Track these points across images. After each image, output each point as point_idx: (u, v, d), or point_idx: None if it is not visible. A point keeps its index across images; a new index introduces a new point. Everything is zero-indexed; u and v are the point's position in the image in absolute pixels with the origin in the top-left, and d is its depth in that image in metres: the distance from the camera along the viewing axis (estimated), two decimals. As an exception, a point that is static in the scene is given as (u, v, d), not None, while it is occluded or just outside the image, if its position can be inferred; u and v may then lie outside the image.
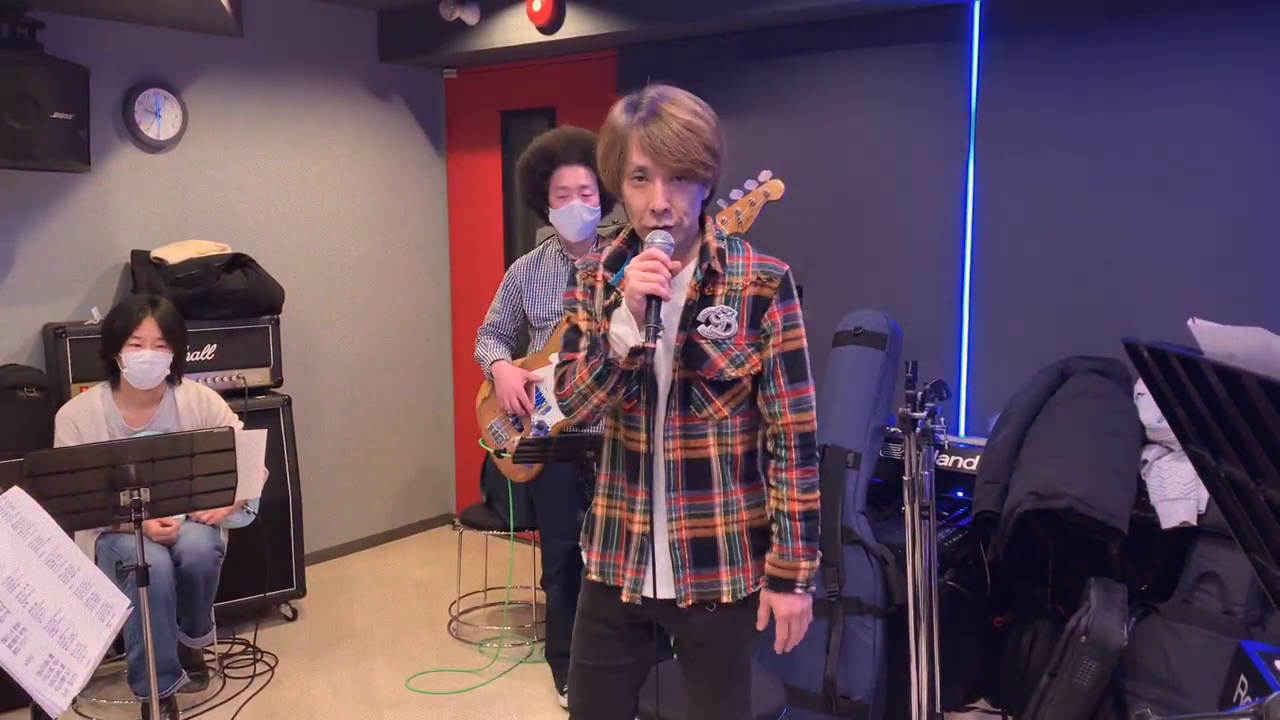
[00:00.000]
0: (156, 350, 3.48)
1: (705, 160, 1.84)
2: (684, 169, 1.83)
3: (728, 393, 1.95)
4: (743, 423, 1.98)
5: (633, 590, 2.02)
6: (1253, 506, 1.11)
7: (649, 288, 1.80)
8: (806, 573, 1.96)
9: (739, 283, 1.94)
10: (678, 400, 1.95)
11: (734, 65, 4.38)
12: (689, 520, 1.98)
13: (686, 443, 1.96)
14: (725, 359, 1.92)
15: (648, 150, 1.82)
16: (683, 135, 1.81)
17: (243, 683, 3.87)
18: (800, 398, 1.96)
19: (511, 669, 4.00)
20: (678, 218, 1.86)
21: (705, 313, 1.93)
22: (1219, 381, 0.98)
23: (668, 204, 1.84)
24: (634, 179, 1.87)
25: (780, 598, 1.97)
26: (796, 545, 1.95)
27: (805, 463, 1.97)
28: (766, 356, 1.95)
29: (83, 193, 4.25)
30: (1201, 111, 3.38)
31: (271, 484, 3.85)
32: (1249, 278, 3.34)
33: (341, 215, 5.16)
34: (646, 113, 1.83)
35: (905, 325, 3.72)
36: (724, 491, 1.98)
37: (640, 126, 1.83)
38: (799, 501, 1.96)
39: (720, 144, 1.88)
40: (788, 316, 1.95)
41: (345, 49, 5.09)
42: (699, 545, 1.98)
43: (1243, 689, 1.99)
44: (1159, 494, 3.10)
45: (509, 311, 3.62)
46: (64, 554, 2.21)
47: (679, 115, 1.82)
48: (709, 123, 1.86)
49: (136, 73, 4.36)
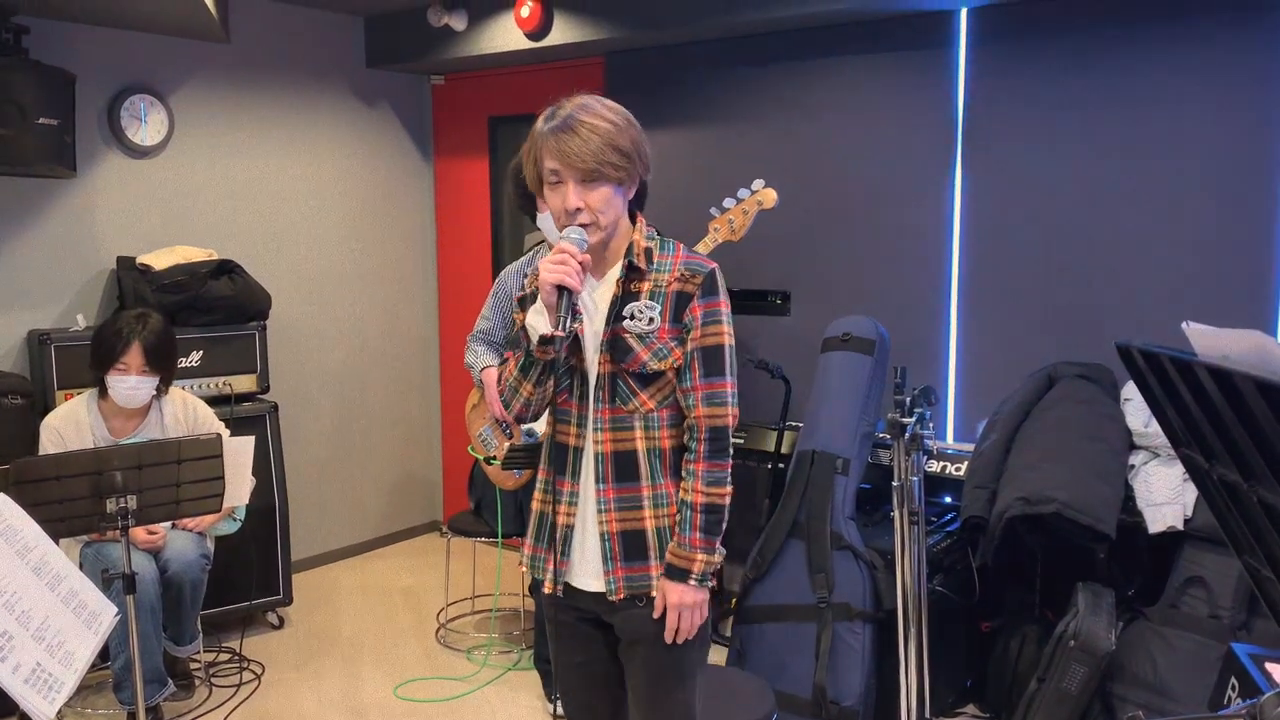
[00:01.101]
0: (141, 376, 3.45)
1: (613, 161, 1.91)
2: (591, 170, 1.90)
3: (652, 386, 2.01)
4: (670, 417, 2.03)
5: (554, 582, 2.08)
6: (1246, 509, 1.12)
7: (556, 278, 1.88)
8: (702, 565, 1.99)
9: (664, 279, 2.01)
10: (605, 393, 2.02)
11: (721, 72, 4.39)
12: (619, 513, 2.02)
13: (614, 435, 2.02)
14: (648, 352, 1.98)
15: (557, 155, 1.91)
16: (588, 139, 1.89)
17: (229, 691, 3.85)
18: (714, 392, 2.00)
19: (499, 676, 3.99)
20: (592, 216, 1.94)
21: (629, 307, 2.00)
22: (1213, 383, 0.99)
23: (580, 203, 1.93)
24: (550, 182, 1.96)
25: (672, 586, 1.99)
26: (694, 536, 1.99)
27: (713, 456, 2.00)
28: (685, 350, 2.00)
29: (68, 198, 4.23)
30: (1187, 116, 3.41)
31: (258, 491, 3.83)
32: (1235, 282, 3.37)
33: (329, 221, 5.15)
34: (559, 122, 1.92)
35: (893, 331, 3.74)
36: (653, 485, 2.02)
37: (552, 135, 1.92)
38: (702, 494, 1.99)
39: (634, 145, 1.95)
40: (708, 313, 2.00)
41: (332, 55, 5.09)
42: (629, 538, 2.02)
43: (1233, 691, 2.00)
44: (1146, 499, 3.12)
45: (499, 319, 3.62)
46: (50, 561, 2.19)
47: (588, 121, 1.91)
48: (618, 125, 1.93)
49: (122, 78, 4.34)
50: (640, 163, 1.98)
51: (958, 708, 3.58)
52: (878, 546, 3.37)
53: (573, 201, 1.93)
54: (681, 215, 4.04)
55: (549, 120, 1.94)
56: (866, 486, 3.66)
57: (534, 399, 2.02)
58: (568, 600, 2.10)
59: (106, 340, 3.43)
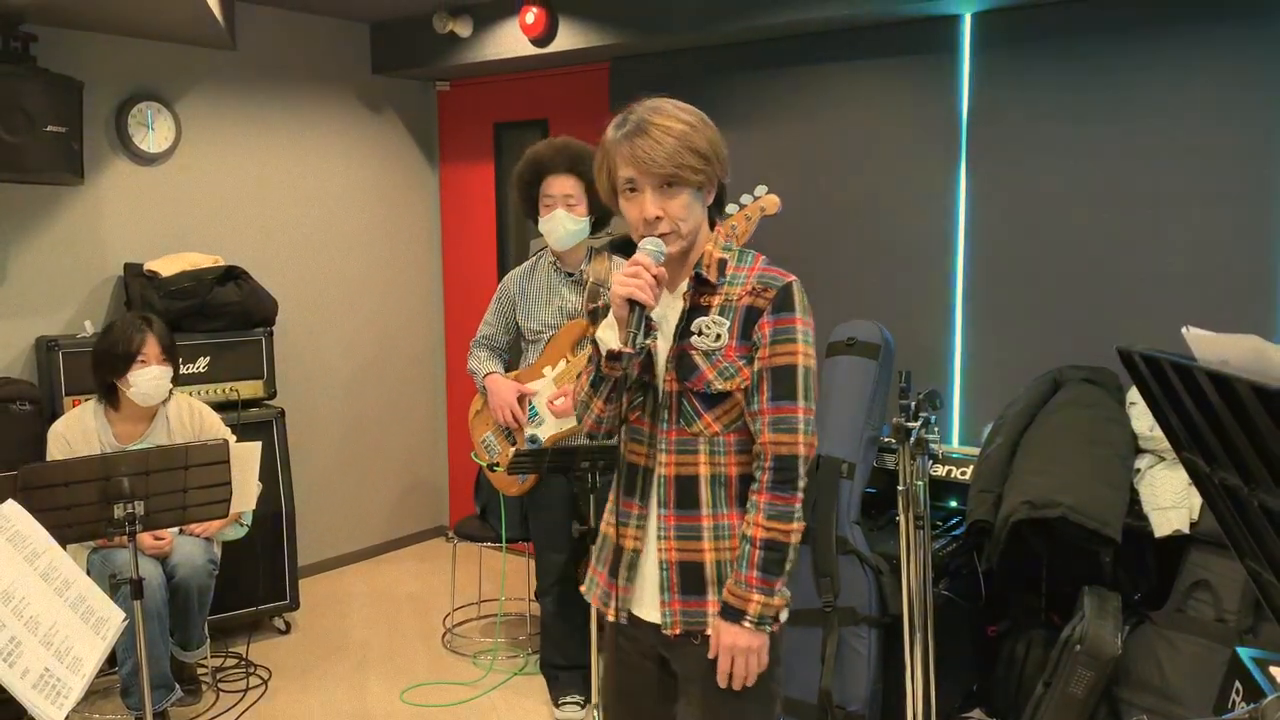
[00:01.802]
0: (161, 365, 3.48)
1: (692, 164, 1.80)
2: (670, 175, 1.80)
3: (718, 407, 1.87)
4: (738, 442, 1.89)
5: (616, 609, 1.97)
6: (1247, 513, 1.12)
7: (627, 292, 1.78)
8: (759, 607, 1.82)
9: (736, 293, 1.88)
10: (672, 413, 1.90)
11: (726, 78, 4.40)
12: (677, 542, 1.90)
13: (679, 458, 1.90)
14: (713, 370, 1.86)
15: (631, 161, 1.81)
16: (664, 142, 1.79)
17: (236, 696, 3.86)
18: (782, 417, 1.83)
19: (505, 681, 3.99)
20: (671, 224, 1.83)
21: (697, 322, 1.88)
22: (1213, 388, 0.99)
23: (659, 211, 1.82)
24: (626, 192, 1.86)
25: (726, 626, 1.83)
26: (750, 574, 1.82)
27: (778, 487, 1.83)
28: (754, 370, 1.86)
29: (76, 205, 4.25)
30: (1191, 121, 3.41)
31: (265, 497, 3.83)
32: (1239, 287, 3.36)
33: (334, 227, 5.16)
34: (631, 126, 1.83)
35: (898, 336, 3.74)
36: (714, 514, 1.89)
37: (625, 140, 1.82)
38: (763, 528, 1.82)
39: (712, 146, 1.84)
40: (779, 330, 1.84)
41: (338, 62, 5.11)
42: (686, 569, 1.89)
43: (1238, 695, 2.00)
44: (1151, 502, 3.11)
45: (502, 324, 3.63)
46: (59, 567, 2.20)
47: (661, 123, 1.81)
48: (695, 126, 1.83)
49: (130, 85, 4.36)
50: (719, 164, 1.86)
51: (964, 712, 3.58)
52: (883, 551, 3.37)
53: (651, 210, 1.82)
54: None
55: (620, 127, 1.85)
56: (872, 491, 3.66)
57: (605, 416, 1.93)
58: (632, 630, 1.98)
59: (119, 342, 3.45)
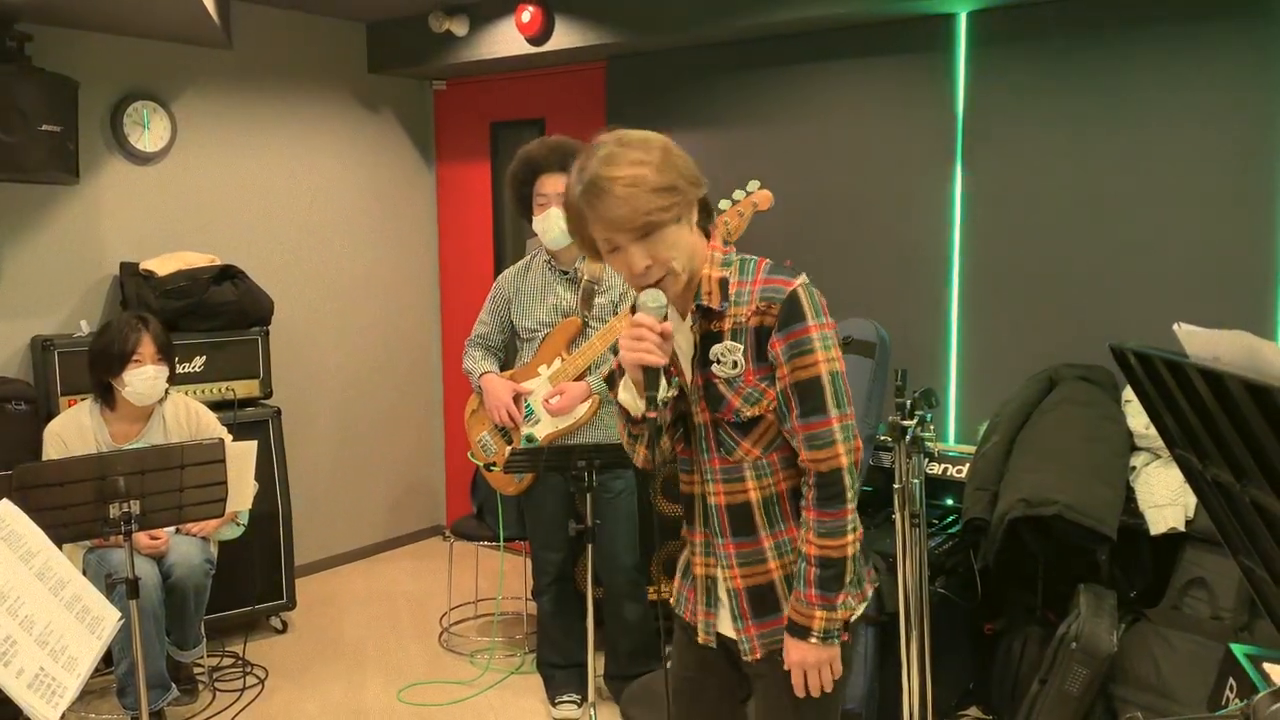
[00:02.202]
0: (157, 365, 3.48)
1: (660, 204, 1.72)
2: (641, 224, 1.72)
3: (754, 431, 1.84)
4: (782, 459, 1.85)
5: (705, 633, 1.98)
6: (1239, 509, 1.12)
7: (636, 359, 1.76)
8: (823, 623, 1.80)
9: (744, 313, 1.81)
10: (711, 442, 1.88)
11: (722, 76, 4.40)
12: (742, 569, 1.90)
13: (727, 486, 1.88)
14: (739, 398, 1.82)
15: (600, 223, 1.74)
16: (627, 198, 1.70)
17: (233, 696, 3.86)
18: (816, 433, 1.78)
19: (503, 680, 3.99)
20: (664, 269, 1.77)
21: (713, 350, 1.83)
22: (1204, 384, 1.00)
23: (647, 261, 1.76)
24: (608, 252, 1.80)
25: (794, 643, 1.83)
26: (810, 592, 1.81)
27: (825, 504, 1.80)
28: (777, 390, 1.81)
29: (71, 205, 4.25)
30: (1187, 119, 3.41)
31: (261, 496, 3.83)
32: (1236, 284, 3.37)
33: (331, 227, 5.16)
34: (587, 186, 1.74)
35: (894, 334, 3.74)
36: (772, 533, 1.87)
37: (589, 205, 1.74)
38: (816, 545, 1.80)
39: (678, 173, 1.76)
40: (793, 344, 1.78)
41: (334, 61, 5.10)
42: (756, 593, 1.89)
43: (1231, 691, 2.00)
44: (1147, 500, 3.12)
45: (497, 323, 3.63)
46: (54, 567, 2.20)
47: (616, 175, 1.71)
48: (650, 163, 1.73)
49: (125, 85, 4.36)
50: (691, 186, 1.78)
51: (960, 710, 3.58)
52: (879, 549, 3.37)
53: (639, 263, 1.75)
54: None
55: (579, 183, 1.76)
56: (868, 489, 3.66)
57: (654, 457, 1.91)
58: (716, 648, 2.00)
59: (115, 341, 3.44)
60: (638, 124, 1.90)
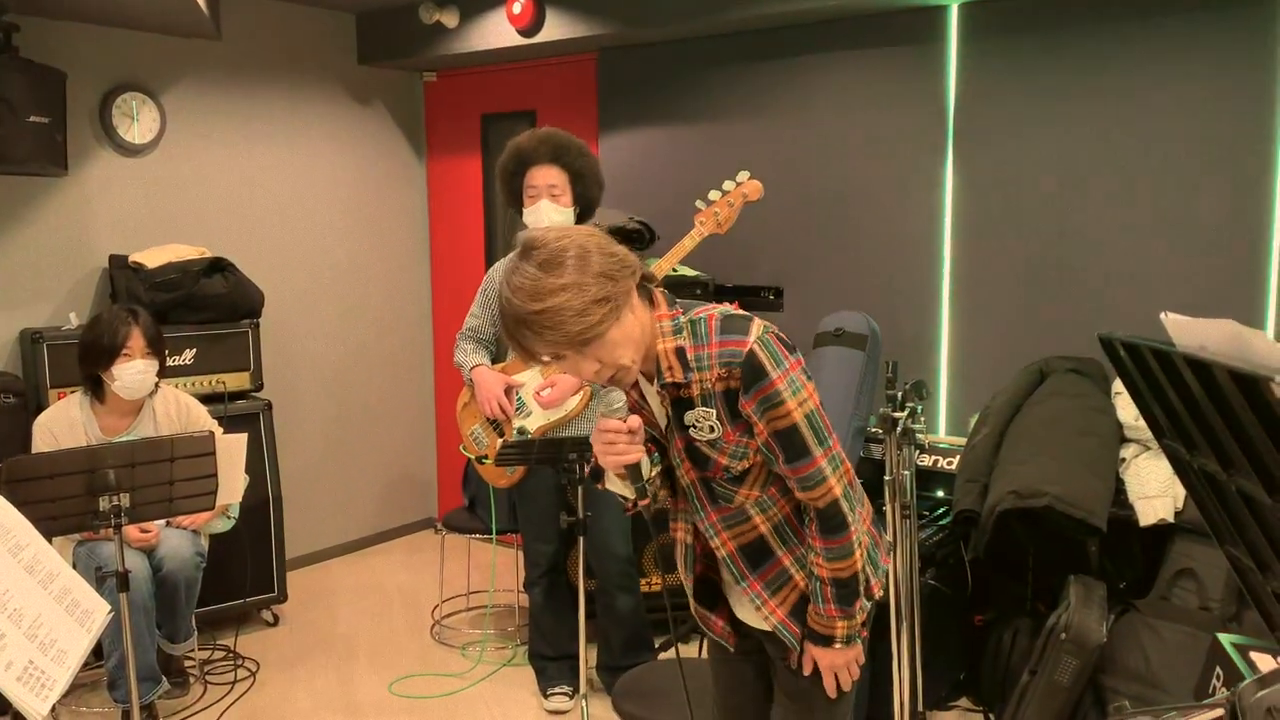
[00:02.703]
0: (146, 359, 3.46)
1: (591, 321, 1.68)
2: (566, 350, 1.73)
3: (747, 480, 1.88)
4: (780, 490, 1.90)
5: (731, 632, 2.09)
6: (1226, 499, 1.12)
7: (614, 464, 1.83)
8: (845, 630, 1.90)
9: (709, 378, 1.80)
10: (703, 498, 1.92)
11: (713, 68, 4.40)
12: (775, 596, 1.94)
13: (733, 532, 1.92)
14: (725, 456, 1.85)
15: (540, 348, 1.74)
16: (557, 326, 1.68)
17: (224, 689, 3.85)
18: (805, 475, 1.82)
19: (494, 672, 4.00)
20: (613, 370, 1.77)
21: (687, 416, 1.84)
22: (1191, 374, 1.00)
23: (596, 367, 1.76)
24: (555, 360, 1.79)
25: (820, 651, 1.93)
26: (829, 607, 1.89)
27: (828, 534, 1.86)
28: (760, 442, 1.83)
29: (60, 197, 4.23)
30: (1179, 110, 3.42)
31: (252, 489, 3.83)
32: (1227, 274, 3.38)
33: (321, 219, 5.14)
34: (517, 323, 1.71)
35: (885, 326, 3.74)
36: (789, 550, 1.93)
37: (520, 334, 1.73)
38: (828, 569, 1.87)
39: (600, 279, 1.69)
40: (763, 400, 1.77)
41: (324, 52, 5.08)
42: (798, 609, 1.95)
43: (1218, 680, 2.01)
44: (1137, 492, 3.13)
45: (488, 316, 3.62)
46: (43, 560, 2.19)
47: (540, 308, 1.67)
48: (573, 285, 1.67)
49: (114, 76, 4.34)
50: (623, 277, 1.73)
51: (950, 701, 3.59)
52: (870, 541, 3.37)
53: (587, 370, 1.77)
54: (673, 211, 4.04)
55: (510, 314, 1.73)
56: (858, 481, 3.66)
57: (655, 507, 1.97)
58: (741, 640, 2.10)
59: (104, 334, 3.42)
60: (629, 116, 1.89)
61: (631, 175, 4.63)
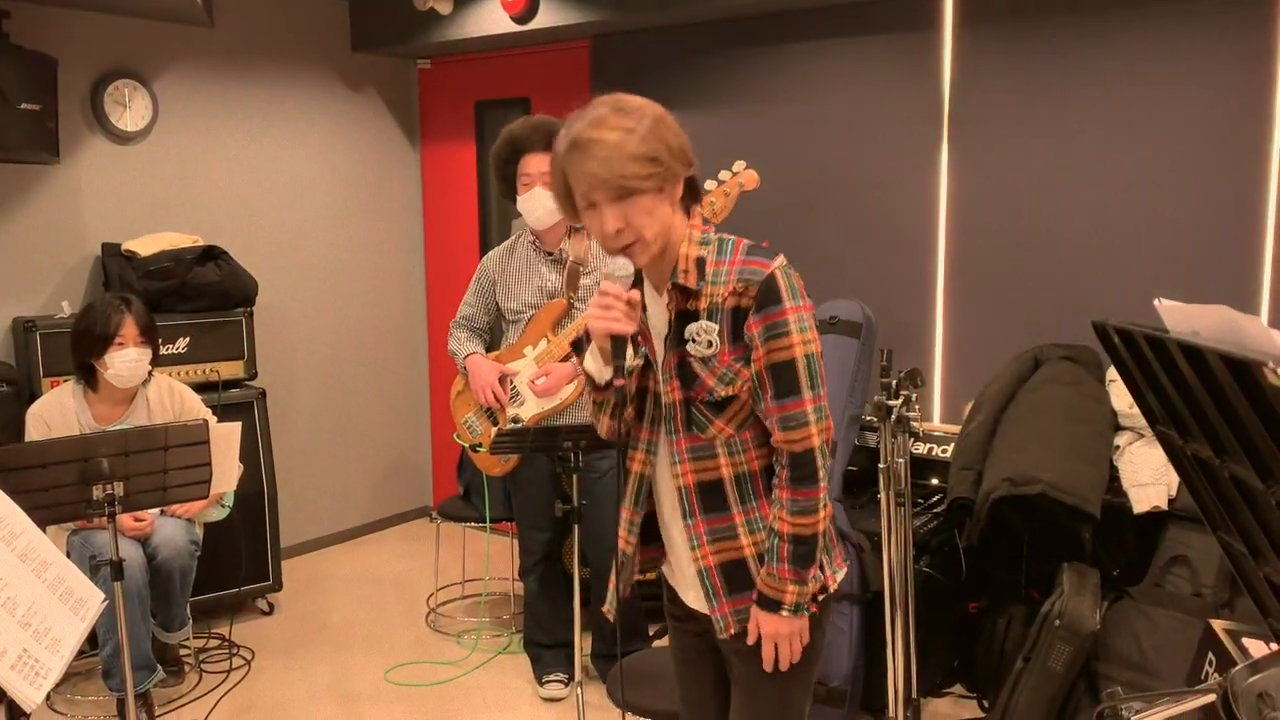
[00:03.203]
0: (139, 348, 3.45)
1: (639, 172, 1.74)
2: (617, 185, 1.74)
3: (727, 411, 1.85)
4: (754, 437, 1.87)
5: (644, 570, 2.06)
6: (1219, 484, 1.12)
7: (604, 327, 1.78)
8: (794, 596, 1.84)
9: (720, 293, 1.81)
10: (680, 422, 1.88)
11: (708, 55, 4.38)
12: (713, 545, 1.89)
13: (696, 464, 1.88)
14: (713, 377, 1.83)
15: (582, 181, 1.77)
16: (605, 159, 1.73)
17: (219, 677, 3.85)
18: (790, 414, 1.80)
19: (489, 660, 4.00)
20: (634, 235, 1.78)
21: (689, 329, 1.84)
22: (1184, 359, 1.00)
23: (619, 223, 1.77)
24: (585, 209, 1.82)
25: (765, 616, 1.86)
26: (782, 567, 1.83)
27: (798, 484, 1.82)
28: (753, 371, 1.82)
29: (52, 184, 4.21)
30: (1173, 97, 3.42)
31: (247, 478, 3.82)
32: (1221, 261, 3.38)
33: (315, 207, 5.13)
34: (570, 143, 1.78)
35: (880, 314, 3.74)
36: (744, 510, 1.88)
37: (571, 160, 1.78)
38: (789, 523, 1.82)
39: (661, 145, 1.77)
40: (769, 326, 1.78)
41: (317, 39, 5.06)
42: (730, 569, 1.89)
43: (1210, 666, 2.02)
44: (1131, 479, 3.14)
45: (482, 304, 3.62)
46: (37, 548, 2.19)
47: (598, 137, 1.74)
48: (634, 131, 1.75)
49: (105, 63, 4.31)
50: (675, 160, 1.79)
51: (945, 687, 3.60)
52: (864, 529, 3.38)
53: (610, 224, 1.77)
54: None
55: (565, 140, 1.79)
56: (853, 469, 3.67)
57: (618, 428, 1.93)
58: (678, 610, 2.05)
59: (97, 323, 3.41)
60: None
61: (626, 163, 4.61)
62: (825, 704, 3.26)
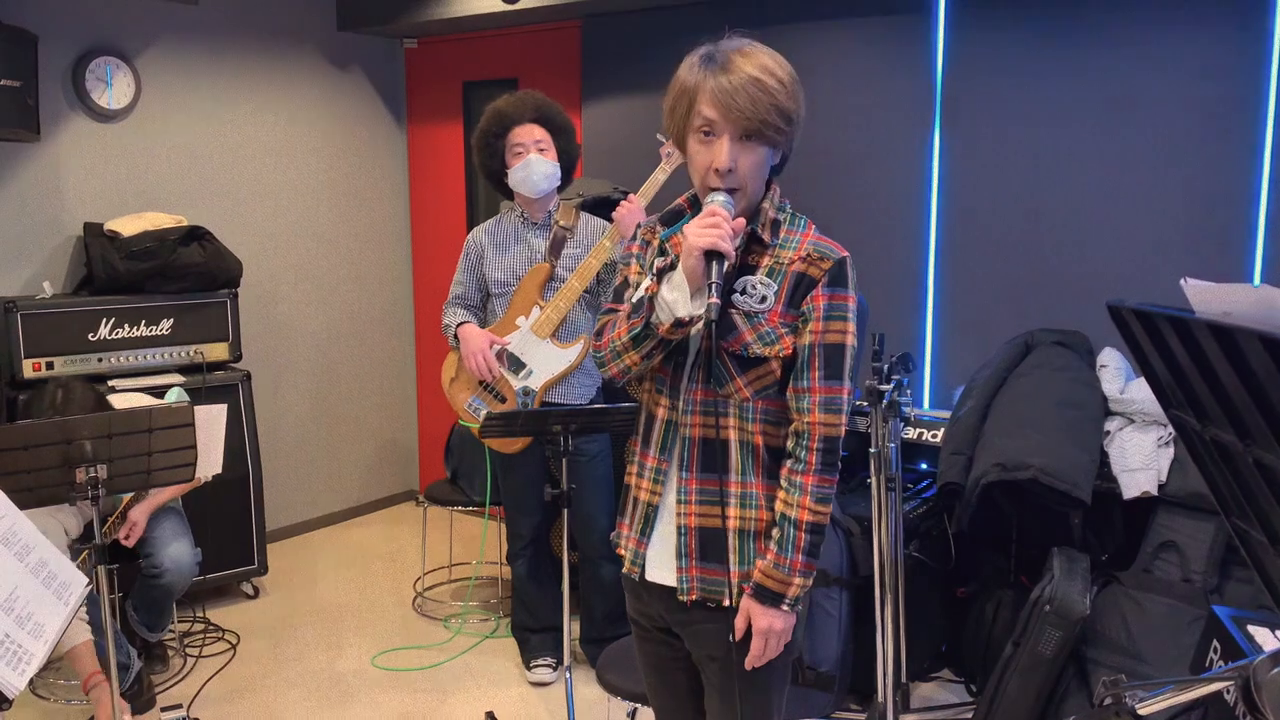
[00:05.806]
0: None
1: (776, 123, 1.71)
2: (753, 127, 1.70)
3: (752, 371, 1.78)
4: (765, 411, 1.80)
5: (632, 563, 1.92)
6: (1239, 470, 1.11)
7: (707, 242, 1.66)
8: (798, 590, 1.78)
9: (787, 256, 1.78)
10: (700, 372, 1.79)
11: (698, 36, 4.32)
12: (698, 506, 1.82)
13: (704, 419, 1.80)
14: (753, 334, 1.76)
15: (717, 104, 1.70)
16: (753, 93, 1.68)
17: (204, 661, 3.82)
18: (833, 398, 1.76)
19: (477, 644, 3.98)
20: (741, 180, 1.74)
21: (742, 281, 1.78)
22: (1213, 341, 0.98)
23: (732, 164, 1.72)
24: (700, 133, 1.75)
25: (763, 610, 1.78)
26: (796, 558, 1.76)
27: (825, 470, 1.76)
28: (803, 343, 1.76)
29: (32, 163, 4.14)
30: (1167, 82, 3.41)
31: (232, 461, 3.78)
32: (1212, 248, 3.38)
33: (300, 187, 5.07)
34: (720, 65, 1.72)
35: (871, 298, 3.72)
36: (742, 482, 1.81)
37: (711, 78, 1.71)
38: (810, 511, 1.75)
39: (797, 108, 1.75)
40: (833, 305, 1.76)
41: (302, 17, 4.99)
42: (706, 536, 1.82)
43: (1215, 653, 2.02)
44: (1120, 465, 3.14)
45: (473, 281, 3.58)
46: (19, 532, 2.15)
47: (753, 72, 1.69)
48: (785, 83, 1.72)
49: (87, 40, 4.24)
50: (797, 129, 1.78)
51: (933, 672, 3.61)
52: (855, 513, 3.38)
53: (725, 160, 1.71)
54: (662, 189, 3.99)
55: (709, 62, 1.73)
56: (844, 454, 3.66)
57: (636, 369, 1.83)
58: (644, 596, 1.94)
59: None
60: (613, 85, 1.84)
61: (615, 144, 4.58)
62: (814, 688, 3.26)
